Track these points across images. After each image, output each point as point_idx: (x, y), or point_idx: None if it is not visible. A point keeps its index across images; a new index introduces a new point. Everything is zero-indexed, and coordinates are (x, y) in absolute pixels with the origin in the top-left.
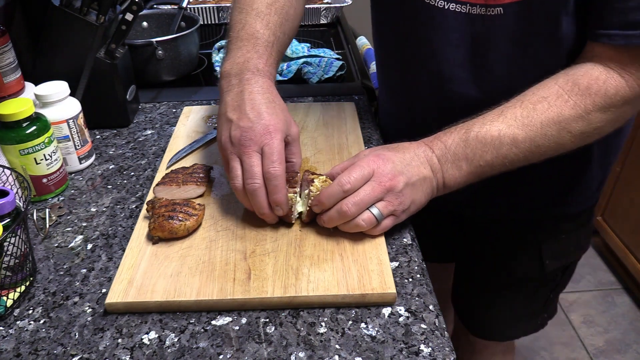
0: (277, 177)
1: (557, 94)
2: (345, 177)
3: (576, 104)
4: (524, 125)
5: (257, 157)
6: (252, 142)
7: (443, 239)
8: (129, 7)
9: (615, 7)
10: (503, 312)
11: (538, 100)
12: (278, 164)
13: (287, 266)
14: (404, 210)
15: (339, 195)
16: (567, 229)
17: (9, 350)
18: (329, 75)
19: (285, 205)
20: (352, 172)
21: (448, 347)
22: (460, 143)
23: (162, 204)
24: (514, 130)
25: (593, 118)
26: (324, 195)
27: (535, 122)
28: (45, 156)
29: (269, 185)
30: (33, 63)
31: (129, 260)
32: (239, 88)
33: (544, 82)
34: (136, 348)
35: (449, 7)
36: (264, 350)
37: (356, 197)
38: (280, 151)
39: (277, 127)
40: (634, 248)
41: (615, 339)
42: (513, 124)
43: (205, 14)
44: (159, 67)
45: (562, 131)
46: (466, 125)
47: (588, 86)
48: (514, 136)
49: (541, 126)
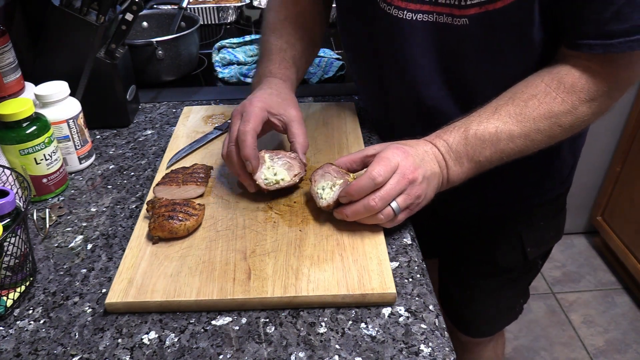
0: (243, 133)
1: (545, 92)
2: (376, 171)
3: (564, 101)
4: (519, 122)
5: (237, 124)
6: (237, 113)
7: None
8: (129, 7)
9: (591, 19)
10: (488, 307)
11: (528, 98)
12: (248, 123)
13: (287, 266)
14: (418, 204)
15: (370, 189)
16: (544, 215)
17: (9, 350)
18: (329, 75)
19: (254, 159)
20: (381, 165)
21: (448, 347)
22: (461, 141)
23: (162, 204)
24: (509, 126)
25: (580, 112)
26: (355, 189)
27: (528, 118)
28: (45, 156)
29: (239, 141)
30: (33, 63)
31: (129, 260)
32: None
33: (530, 80)
34: (136, 348)
35: (417, 17)
36: (264, 350)
37: (383, 192)
38: (257, 114)
39: (262, 100)
40: (634, 248)
41: (615, 339)
42: (508, 120)
43: (205, 14)
44: (159, 67)
45: (553, 125)
46: (464, 124)
47: (572, 84)
48: (510, 132)
49: (534, 122)
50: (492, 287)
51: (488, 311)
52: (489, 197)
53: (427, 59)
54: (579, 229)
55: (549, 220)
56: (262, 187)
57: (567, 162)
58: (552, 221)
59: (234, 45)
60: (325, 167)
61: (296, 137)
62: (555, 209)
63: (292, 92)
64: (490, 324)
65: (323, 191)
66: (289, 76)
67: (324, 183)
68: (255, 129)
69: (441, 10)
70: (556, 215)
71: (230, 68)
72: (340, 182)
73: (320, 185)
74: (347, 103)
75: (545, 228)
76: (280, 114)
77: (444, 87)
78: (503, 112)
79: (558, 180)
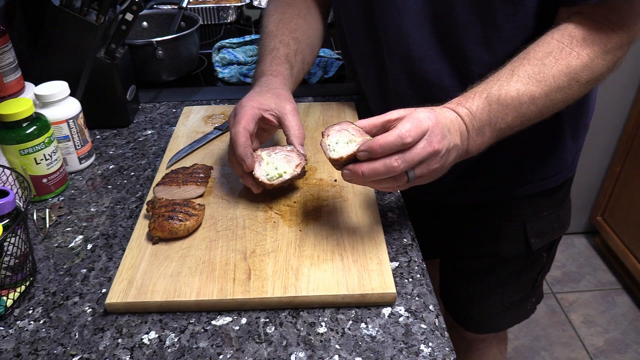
0: (235, 134)
1: (559, 48)
2: (406, 130)
3: (579, 55)
4: (538, 82)
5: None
6: (231, 117)
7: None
8: (129, 7)
9: None
10: (493, 301)
11: (544, 56)
12: (238, 124)
13: (287, 266)
14: (431, 177)
15: (396, 148)
16: (547, 205)
17: (9, 350)
18: (329, 75)
19: (248, 158)
20: (413, 126)
21: (448, 347)
22: (485, 108)
23: (162, 204)
24: (530, 87)
25: (595, 65)
26: (379, 144)
27: (547, 76)
28: (45, 156)
29: (231, 142)
30: (33, 63)
31: (129, 260)
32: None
33: (540, 40)
34: (136, 348)
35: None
36: (264, 350)
37: (408, 155)
38: (247, 112)
39: (253, 99)
40: (634, 248)
41: (615, 339)
42: (528, 81)
43: (205, 14)
44: (159, 67)
45: (572, 81)
46: (485, 89)
47: (584, 37)
48: (531, 94)
49: (554, 79)
50: (495, 281)
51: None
52: (494, 184)
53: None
54: (579, 229)
55: (551, 210)
56: (266, 184)
57: (569, 147)
58: (556, 211)
59: (234, 45)
60: (344, 124)
61: (290, 129)
62: (558, 198)
63: (284, 86)
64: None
65: (336, 144)
66: (280, 72)
67: (338, 138)
68: (246, 127)
69: None
70: (560, 205)
71: (230, 68)
72: (359, 140)
73: (334, 139)
74: (347, 103)
75: (548, 218)
76: (272, 109)
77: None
78: (521, 73)
79: (561, 167)
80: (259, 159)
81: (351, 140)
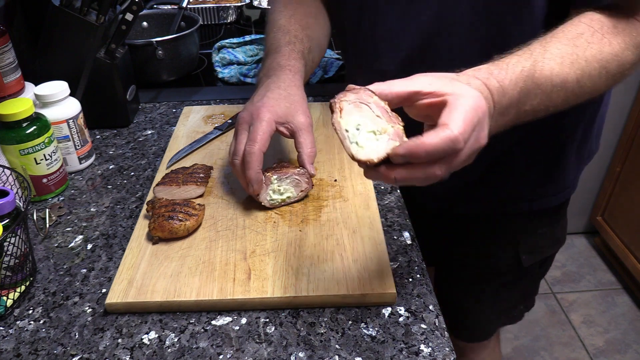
0: (250, 154)
1: (590, 31)
2: (460, 133)
3: (611, 42)
4: (571, 64)
5: (244, 136)
6: (244, 122)
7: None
8: (129, 7)
9: None
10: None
11: (575, 37)
12: (255, 143)
13: (287, 266)
14: None
15: (445, 154)
16: (543, 223)
17: (9, 350)
18: (329, 75)
19: (256, 183)
20: (464, 123)
21: (448, 347)
22: (519, 83)
23: (162, 204)
24: (564, 69)
25: (625, 57)
26: (426, 150)
27: (580, 59)
28: (45, 156)
29: (244, 161)
30: (33, 63)
31: (129, 260)
32: (265, 83)
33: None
34: (136, 348)
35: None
36: (264, 350)
37: (455, 162)
38: (264, 131)
39: (270, 110)
40: (634, 248)
41: (615, 339)
42: (561, 61)
43: (205, 14)
44: (159, 67)
45: (601, 70)
46: (519, 60)
47: (615, 25)
48: (564, 76)
49: (586, 64)
50: (487, 292)
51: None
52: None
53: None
54: (579, 229)
55: (545, 228)
56: (267, 206)
57: (572, 164)
58: (549, 229)
59: (234, 45)
60: (362, 92)
61: (303, 146)
62: (554, 218)
63: (301, 87)
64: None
65: (358, 132)
66: (298, 68)
67: (359, 119)
68: (262, 148)
69: None
70: (555, 223)
71: (230, 68)
72: (389, 131)
73: (354, 121)
74: None
75: (542, 236)
76: (288, 122)
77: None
78: (554, 50)
79: (561, 185)
80: (268, 182)
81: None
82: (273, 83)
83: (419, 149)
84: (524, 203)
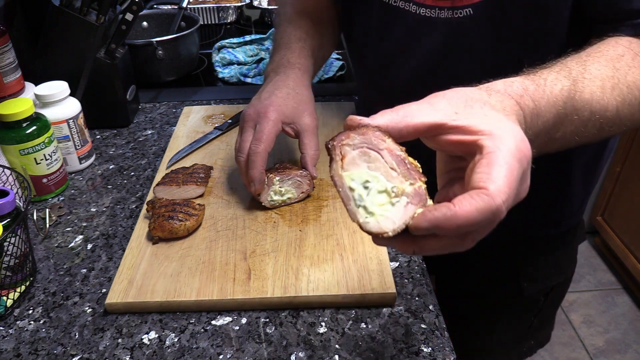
0: (254, 154)
1: (631, 55)
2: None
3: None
4: (612, 88)
5: (250, 133)
6: (250, 119)
7: None
8: (129, 7)
9: None
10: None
11: (615, 58)
12: (260, 143)
13: (287, 266)
14: None
15: (483, 226)
16: (545, 250)
17: (9, 350)
18: (329, 75)
19: (258, 183)
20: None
21: (448, 347)
22: (557, 105)
23: (162, 204)
24: (606, 93)
25: None
26: (458, 225)
27: (621, 84)
28: (45, 156)
29: (249, 160)
30: (33, 63)
31: (129, 260)
32: (273, 79)
33: (601, 43)
34: (136, 348)
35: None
36: (264, 350)
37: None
38: (270, 132)
39: (277, 110)
40: (634, 248)
41: (615, 339)
42: (601, 84)
43: (205, 14)
44: (159, 67)
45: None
46: (558, 76)
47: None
48: (605, 103)
49: (627, 90)
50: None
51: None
52: None
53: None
54: None
55: (548, 255)
56: (267, 206)
57: (578, 190)
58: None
59: (234, 45)
60: (371, 133)
61: (307, 148)
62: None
63: (309, 87)
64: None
65: (366, 191)
66: (307, 67)
67: (367, 173)
68: (267, 149)
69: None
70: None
71: (230, 68)
72: (408, 190)
73: (361, 176)
74: (347, 103)
75: (545, 263)
76: (294, 122)
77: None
78: (594, 70)
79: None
80: (270, 182)
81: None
82: (281, 81)
83: (449, 223)
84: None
